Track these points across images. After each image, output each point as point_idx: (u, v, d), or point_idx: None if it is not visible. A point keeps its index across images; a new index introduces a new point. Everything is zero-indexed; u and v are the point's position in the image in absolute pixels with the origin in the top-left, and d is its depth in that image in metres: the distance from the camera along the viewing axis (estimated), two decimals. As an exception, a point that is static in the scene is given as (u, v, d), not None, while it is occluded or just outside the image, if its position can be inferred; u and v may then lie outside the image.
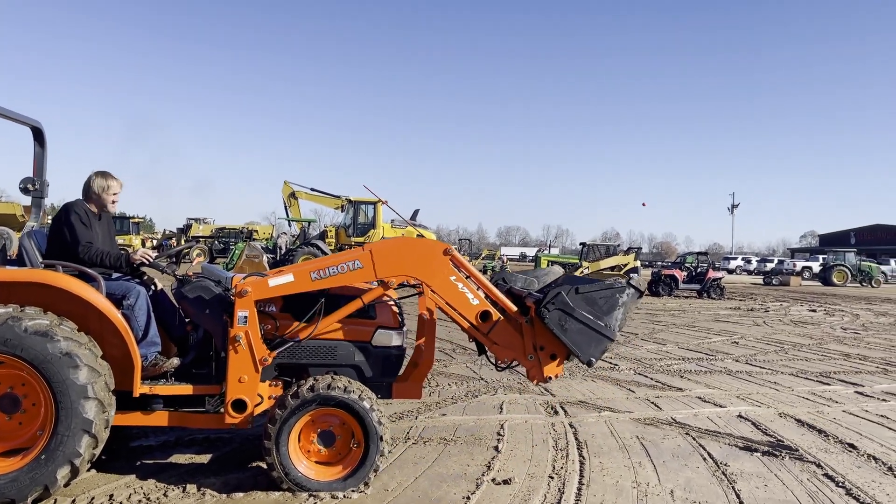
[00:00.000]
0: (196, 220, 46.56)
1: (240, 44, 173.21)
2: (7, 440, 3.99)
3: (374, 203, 26.71)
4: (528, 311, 4.42)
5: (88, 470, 4.40)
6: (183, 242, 41.40)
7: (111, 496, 4.13)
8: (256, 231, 43.84)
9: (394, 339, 4.62)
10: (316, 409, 4.15)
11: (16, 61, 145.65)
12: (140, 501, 4.08)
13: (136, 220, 43.00)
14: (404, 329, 4.74)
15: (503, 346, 4.46)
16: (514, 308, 4.48)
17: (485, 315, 4.43)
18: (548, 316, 4.21)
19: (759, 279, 46.32)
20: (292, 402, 4.12)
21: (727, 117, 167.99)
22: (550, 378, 4.46)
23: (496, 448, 5.31)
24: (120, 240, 37.92)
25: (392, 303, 4.75)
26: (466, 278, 4.46)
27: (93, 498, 4.11)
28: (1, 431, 3.99)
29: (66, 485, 3.95)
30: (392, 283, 4.34)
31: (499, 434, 5.70)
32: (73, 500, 4.05)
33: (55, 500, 4.00)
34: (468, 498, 4.27)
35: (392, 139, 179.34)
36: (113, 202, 4.67)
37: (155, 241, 41.98)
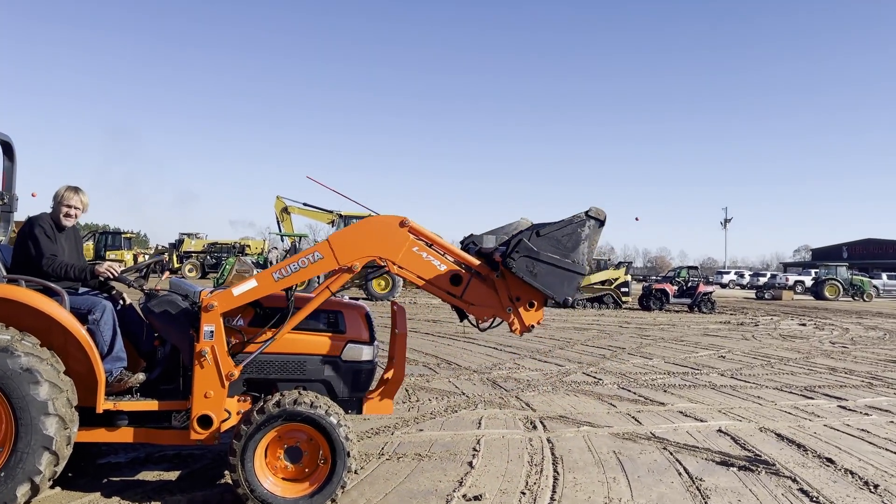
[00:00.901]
0: (188, 234, 46.44)
1: (237, 49, 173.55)
2: (-33, 458, 3.93)
3: (365, 217, 26.66)
4: (498, 265, 4.36)
5: (52, 487, 4.35)
6: (175, 257, 41.33)
7: (73, 514, 4.07)
8: (248, 246, 43.79)
9: (364, 354, 4.57)
10: (282, 424, 4.10)
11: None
12: (102, 519, 4.02)
13: (128, 235, 42.85)
14: (375, 343, 4.71)
15: (480, 305, 4.40)
16: (484, 265, 4.43)
17: (456, 279, 4.36)
18: (514, 264, 4.15)
19: (752, 293, 46.42)
20: (258, 418, 4.06)
21: (721, 132, 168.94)
22: (534, 326, 4.39)
23: (470, 464, 5.26)
24: (112, 255, 37.81)
25: (363, 317, 4.72)
26: (430, 246, 4.39)
27: (54, 516, 4.05)
28: None
29: (27, 503, 3.89)
30: (356, 268, 4.29)
31: (475, 449, 5.65)
32: (34, 519, 3.99)
33: (15, 518, 3.93)
34: (437, 514, 4.23)
35: (384, 149, 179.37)
36: (66, 215, 4.52)
37: (147, 257, 41.83)
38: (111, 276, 4.41)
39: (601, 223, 4.29)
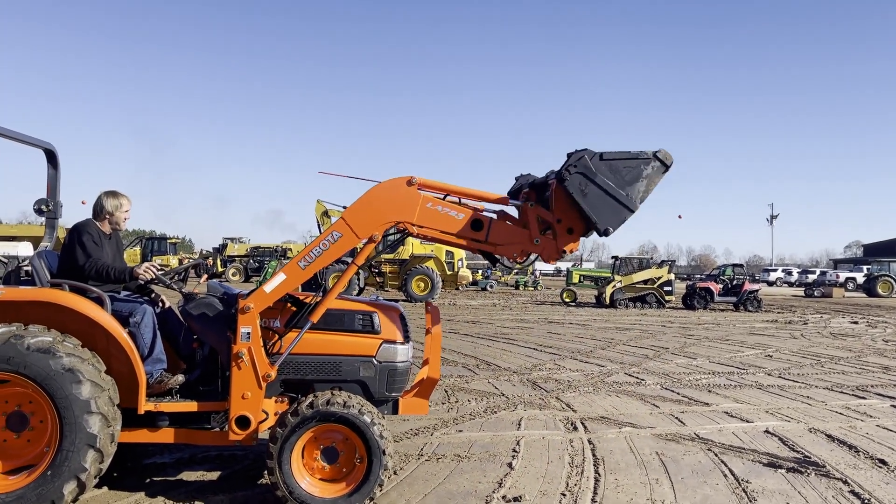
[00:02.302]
0: (232, 239, 47.30)
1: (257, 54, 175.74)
2: (16, 458, 4.04)
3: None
4: (528, 197, 4.32)
5: (99, 487, 4.44)
6: (219, 261, 42.11)
7: (118, 513, 4.15)
8: (290, 249, 44.37)
9: (399, 354, 4.56)
10: (317, 425, 4.11)
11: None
12: (145, 518, 4.09)
13: (174, 240, 43.78)
14: (410, 344, 4.70)
15: (506, 244, 4.33)
16: (503, 197, 4.35)
17: (476, 224, 4.30)
18: (569, 178, 4.04)
19: (801, 291, 45.23)
20: (293, 420, 4.09)
21: (766, 126, 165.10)
22: (565, 252, 4.30)
23: (510, 465, 5.21)
24: (158, 260, 38.72)
25: (398, 317, 4.71)
26: (444, 198, 4.35)
27: (100, 515, 4.13)
28: (10, 449, 4.04)
29: (74, 500, 3.96)
30: (377, 237, 4.27)
31: (514, 450, 5.59)
32: (80, 517, 4.08)
33: (62, 516, 4.02)
34: (475, 515, 4.19)
35: (421, 147, 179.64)
36: (125, 219, 4.78)
37: (192, 261, 42.68)
38: (150, 278, 4.49)
39: (666, 167, 4.15)
